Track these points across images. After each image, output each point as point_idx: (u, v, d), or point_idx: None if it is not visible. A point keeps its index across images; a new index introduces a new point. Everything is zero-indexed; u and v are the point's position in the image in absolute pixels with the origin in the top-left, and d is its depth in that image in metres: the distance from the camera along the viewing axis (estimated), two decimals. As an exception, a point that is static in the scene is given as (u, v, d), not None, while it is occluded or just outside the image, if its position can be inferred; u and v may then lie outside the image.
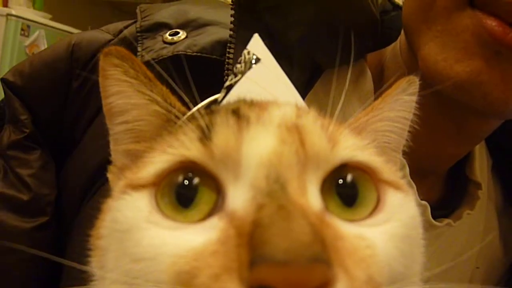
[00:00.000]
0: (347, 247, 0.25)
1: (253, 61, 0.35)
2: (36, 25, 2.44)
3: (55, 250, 0.55)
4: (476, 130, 0.57)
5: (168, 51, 0.53)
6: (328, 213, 0.26)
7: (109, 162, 0.36)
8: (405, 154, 0.39)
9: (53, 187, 0.56)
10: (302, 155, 0.27)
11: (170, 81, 0.32)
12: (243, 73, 0.35)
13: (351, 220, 0.27)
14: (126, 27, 0.60)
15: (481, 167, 0.61)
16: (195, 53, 0.52)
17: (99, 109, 0.49)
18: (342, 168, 0.28)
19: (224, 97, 0.36)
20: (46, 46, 2.48)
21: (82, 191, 0.54)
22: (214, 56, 0.53)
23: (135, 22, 0.59)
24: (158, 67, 0.34)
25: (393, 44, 0.61)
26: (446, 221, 0.58)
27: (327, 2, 0.54)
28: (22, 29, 2.35)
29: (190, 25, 0.56)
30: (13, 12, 2.33)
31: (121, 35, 0.58)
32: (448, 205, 0.61)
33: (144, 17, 0.58)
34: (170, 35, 0.55)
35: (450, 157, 0.60)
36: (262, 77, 0.35)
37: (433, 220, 0.56)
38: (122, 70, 0.33)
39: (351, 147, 0.29)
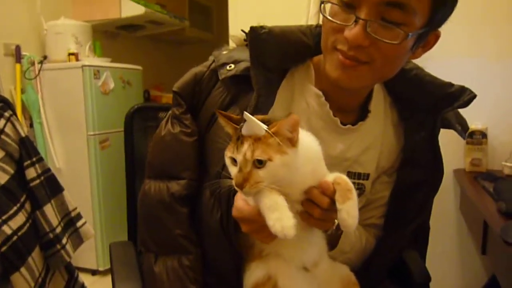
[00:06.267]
0: None
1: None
2: (102, 69, 3.01)
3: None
4: (356, 93, 1.05)
5: (229, 74, 0.99)
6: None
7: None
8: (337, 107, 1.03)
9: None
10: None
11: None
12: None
13: None
14: (210, 65, 1.06)
15: (376, 102, 1.09)
16: (240, 73, 0.98)
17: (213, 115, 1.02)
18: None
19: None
20: (113, 83, 3.07)
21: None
22: (247, 74, 0.97)
23: (213, 61, 1.05)
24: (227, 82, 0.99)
25: None
26: (348, 126, 1.04)
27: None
28: (94, 74, 2.93)
29: (234, 62, 1.01)
30: (86, 63, 2.90)
31: (211, 68, 1.05)
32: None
33: (217, 60, 1.04)
34: (228, 67, 1.01)
35: (355, 104, 1.08)
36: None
37: (341, 125, 1.03)
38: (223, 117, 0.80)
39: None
